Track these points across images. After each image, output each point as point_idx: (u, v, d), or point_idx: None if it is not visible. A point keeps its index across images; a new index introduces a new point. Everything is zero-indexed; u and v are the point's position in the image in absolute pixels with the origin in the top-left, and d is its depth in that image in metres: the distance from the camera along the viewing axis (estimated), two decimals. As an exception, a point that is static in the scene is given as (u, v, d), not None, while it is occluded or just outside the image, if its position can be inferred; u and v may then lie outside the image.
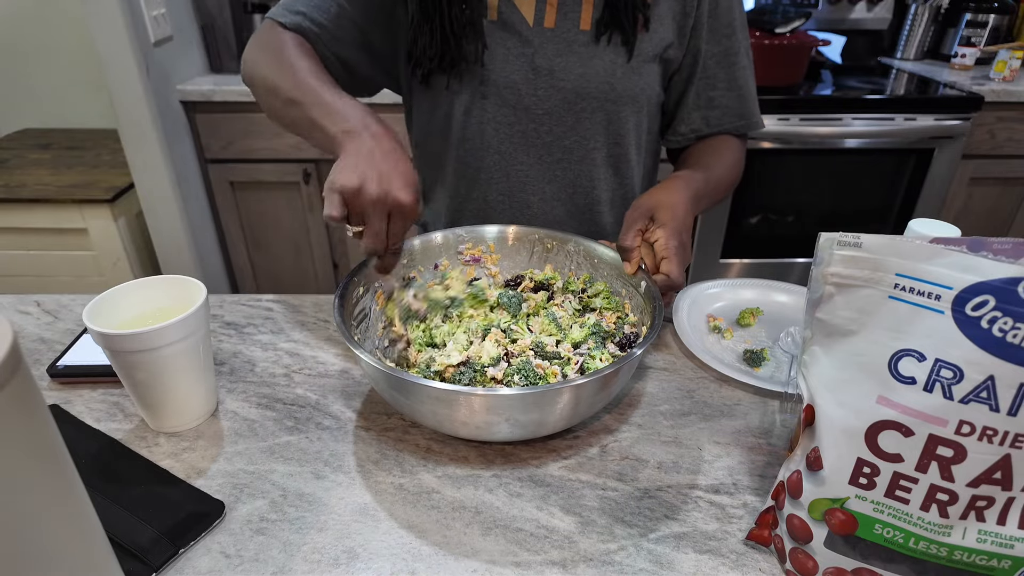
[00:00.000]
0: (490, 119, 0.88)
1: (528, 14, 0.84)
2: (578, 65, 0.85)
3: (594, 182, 0.93)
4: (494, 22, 0.84)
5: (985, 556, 0.44)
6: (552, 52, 0.84)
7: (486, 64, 0.85)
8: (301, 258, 2.11)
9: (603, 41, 0.84)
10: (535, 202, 0.93)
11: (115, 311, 0.65)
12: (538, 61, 0.85)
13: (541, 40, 0.84)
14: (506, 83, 0.86)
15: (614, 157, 0.92)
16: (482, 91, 0.86)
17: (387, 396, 0.62)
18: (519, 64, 0.85)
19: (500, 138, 0.89)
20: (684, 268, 0.72)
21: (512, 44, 0.84)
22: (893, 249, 0.43)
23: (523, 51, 0.84)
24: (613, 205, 0.97)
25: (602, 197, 0.95)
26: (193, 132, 1.90)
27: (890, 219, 2.07)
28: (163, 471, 0.61)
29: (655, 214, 0.74)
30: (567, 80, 0.85)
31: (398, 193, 0.63)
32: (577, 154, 0.90)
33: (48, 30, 2.17)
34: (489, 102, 0.87)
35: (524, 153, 0.90)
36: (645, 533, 0.56)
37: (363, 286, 0.72)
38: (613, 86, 0.86)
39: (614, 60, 0.85)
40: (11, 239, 1.88)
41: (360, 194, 0.62)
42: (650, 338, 0.62)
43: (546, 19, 0.84)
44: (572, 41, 0.84)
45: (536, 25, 0.84)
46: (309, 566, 0.53)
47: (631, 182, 0.96)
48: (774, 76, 1.92)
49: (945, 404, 0.41)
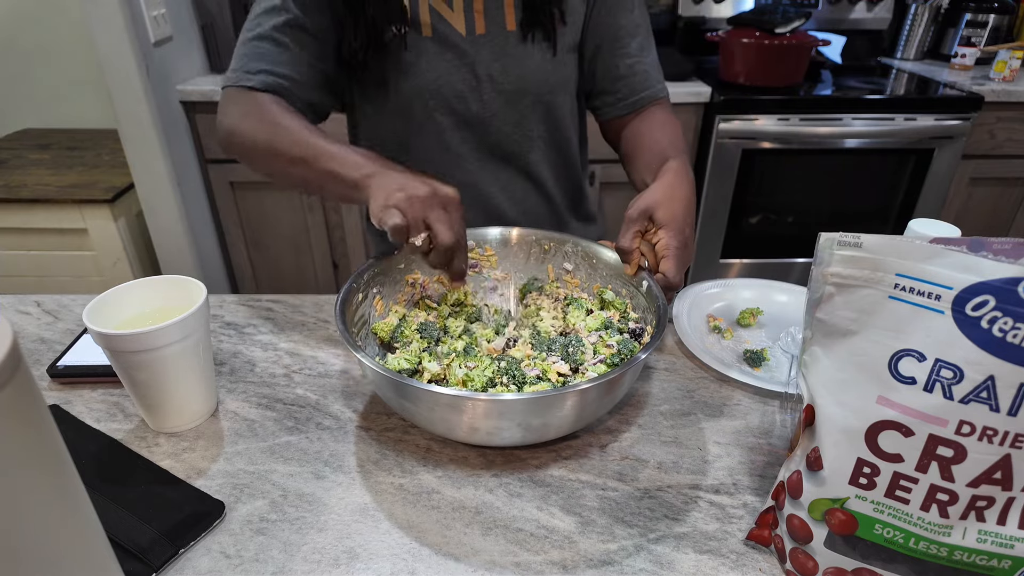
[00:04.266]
0: (444, 129, 0.92)
1: (459, 25, 0.87)
2: (515, 66, 0.90)
3: (541, 166, 0.99)
4: (429, 38, 0.87)
5: (985, 556, 0.44)
6: (489, 58, 0.89)
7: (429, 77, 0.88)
8: (301, 258, 2.11)
9: (529, 39, 0.89)
10: (497, 194, 0.98)
11: (115, 311, 0.65)
12: (479, 69, 0.89)
13: (476, 48, 0.88)
14: (453, 93, 0.89)
15: (554, 140, 0.99)
16: (433, 104, 0.90)
17: (395, 406, 0.62)
18: (462, 75, 0.89)
19: (455, 144, 0.93)
20: (684, 269, 0.72)
21: (451, 56, 0.88)
22: (893, 249, 0.43)
23: (463, 61, 0.88)
24: (558, 179, 1.03)
25: (547, 175, 1.01)
26: (193, 132, 1.90)
27: (890, 219, 2.07)
28: (163, 471, 0.61)
29: (654, 214, 0.74)
30: (506, 82, 0.90)
31: (442, 188, 0.67)
32: (525, 146, 0.96)
33: (48, 30, 2.17)
34: (441, 114, 0.91)
35: (478, 154, 0.95)
36: (645, 533, 0.56)
37: (362, 292, 0.72)
38: (547, 80, 0.92)
39: (543, 56, 0.90)
40: (11, 239, 1.88)
41: (410, 199, 0.65)
42: (656, 340, 0.62)
43: (477, 27, 0.88)
44: (504, 44, 0.89)
45: (469, 34, 0.88)
46: (309, 566, 0.53)
47: (571, 155, 1.03)
48: (774, 76, 1.92)
49: (945, 404, 0.41)
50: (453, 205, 0.68)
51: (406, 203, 0.65)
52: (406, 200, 0.65)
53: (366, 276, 0.73)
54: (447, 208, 0.67)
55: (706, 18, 2.23)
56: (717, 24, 2.22)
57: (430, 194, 0.66)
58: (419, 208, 0.65)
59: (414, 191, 0.66)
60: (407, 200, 0.65)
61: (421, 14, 0.86)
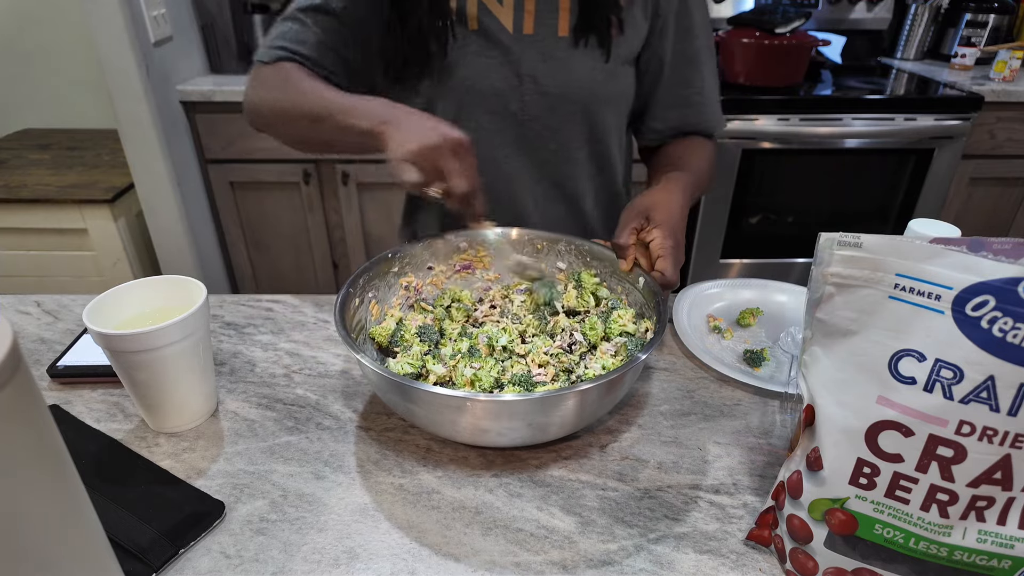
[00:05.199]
0: (479, 127, 0.89)
1: (507, 22, 0.85)
2: (560, 71, 0.87)
3: (578, 181, 0.96)
4: (475, 31, 0.85)
5: (985, 556, 0.44)
6: (534, 58, 0.86)
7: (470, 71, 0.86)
8: (301, 258, 2.11)
9: (581, 45, 0.86)
10: (529, 203, 0.95)
11: (115, 311, 0.65)
12: (522, 69, 0.86)
13: (522, 47, 0.86)
14: (492, 91, 0.87)
15: (596, 155, 0.95)
16: (468, 100, 0.87)
17: (400, 409, 0.62)
18: (503, 72, 0.86)
19: (490, 145, 0.90)
20: (679, 267, 0.72)
21: (495, 53, 0.86)
22: (893, 249, 0.43)
23: (506, 59, 0.86)
24: (598, 201, 0.99)
25: (587, 194, 0.97)
26: (193, 132, 1.90)
27: (890, 219, 2.07)
28: (163, 471, 0.61)
29: (650, 214, 0.75)
30: (550, 86, 0.87)
31: (452, 133, 0.67)
32: (562, 155, 0.93)
33: (48, 30, 2.17)
34: (476, 110, 0.88)
35: (513, 158, 0.92)
36: (645, 533, 0.56)
37: (359, 297, 0.72)
38: (593, 90, 0.88)
39: (593, 65, 0.87)
40: (11, 239, 1.88)
41: (423, 150, 0.65)
42: (656, 340, 0.62)
43: (525, 26, 0.85)
44: (552, 47, 0.86)
45: (516, 32, 0.85)
46: (309, 566, 0.53)
47: (613, 177, 0.99)
48: (774, 76, 1.92)
49: (945, 404, 0.41)
50: (464, 150, 0.67)
51: (419, 156, 0.65)
52: (418, 153, 0.65)
53: (361, 281, 0.73)
54: (458, 155, 0.67)
55: (706, 18, 2.23)
56: (717, 24, 2.21)
57: (440, 143, 0.66)
58: (431, 160, 0.66)
59: (426, 141, 0.66)
60: (419, 153, 0.65)
61: (468, 6, 0.84)
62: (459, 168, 0.67)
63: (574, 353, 0.70)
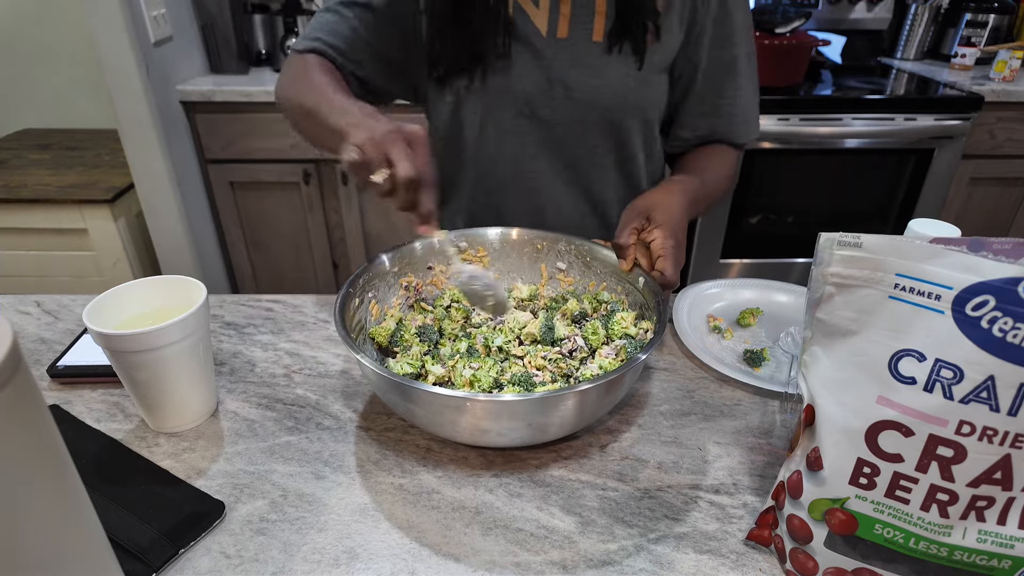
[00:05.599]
0: (506, 129, 0.89)
1: (542, 25, 0.84)
2: (592, 77, 0.85)
3: (604, 186, 0.94)
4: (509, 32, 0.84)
5: (985, 556, 0.44)
6: (566, 63, 0.84)
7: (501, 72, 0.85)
8: (301, 258, 2.11)
9: (615, 51, 0.84)
10: (550, 208, 0.94)
11: (115, 311, 0.65)
12: (553, 73, 0.85)
13: (555, 51, 0.84)
14: (521, 94, 0.86)
15: (623, 162, 0.93)
16: (497, 102, 0.87)
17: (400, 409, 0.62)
18: (534, 76, 0.85)
19: (515, 147, 0.90)
20: (679, 268, 0.72)
21: (527, 55, 0.84)
22: (893, 249, 0.43)
23: (538, 63, 0.84)
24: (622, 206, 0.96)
25: (612, 200, 0.96)
26: (193, 132, 1.90)
27: (890, 219, 2.07)
28: (163, 471, 0.61)
29: (651, 214, 0.75)
30: (581, 92, 0.85)
31: (407, 125, 0.65)
32: (588, 161, 0.91)
33: (48, 30, 2.17)
34: (504, 113, 0.87)
35: (538, 161, 0.91)
36: (645, 533, 0.56)
37: (358, 297, 0.72)
38: (625, 97, 0.86)
39: (626, 72, 0.85)
40: (11, 239, 1.88)
41: (371, 137, 0.63)
42: (656, 340, 0.62)
43: (559, 29, 0.84)
44: (585, 52, 0.84)
45: (550, 36, 0.84)
46: (309, 566, 0.53)
47: (639, 183, 0.97)
48: (774, 76, 1.92)
49: (945, 404, 0.41)
50: (417, 140, 0.64)
51: (366, 141, 0.62)
52: (367, 138, 0.63)
53: (360, 281, 0.73)
54: (410, 143, 0.64)
55: (706, 18, 2.23)
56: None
57: (392, 130, 0.63)
58: (379, 144, 0.62)
59: (376, 128, 0.63)
60: (368, 138, 0.63)
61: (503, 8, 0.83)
62: (407, 153, 0.63)
63: (574, 359, 0.70)
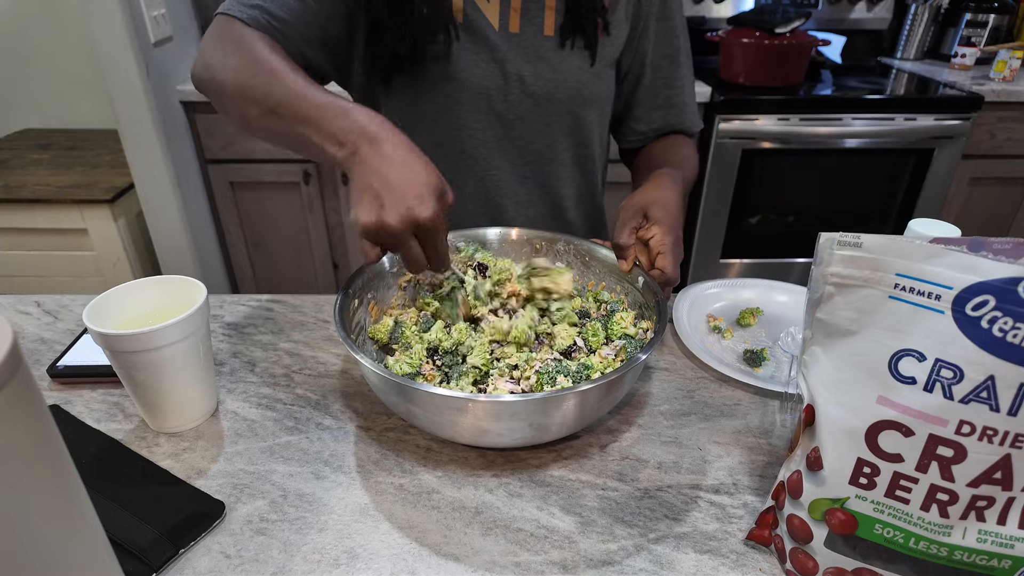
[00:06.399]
0: (463, 124, 0.88)
1: (493, 18, 0.84)
2: (547, 71, 0.86)
3: (561, 181, 0.95)
4: (460, 25, 0.83)
5: (985, 556, 0.44)
6: (521, 58, 0.85)
7: (455, 67, 0.83)
8: (301, 258, 2.11)
9: (567, 46, 0.86)
10: (509, 205, 0.95)
11: (115, 311, 0.65)
12: (508, 67, 0.85)
13: (509, 46, 0.85)
14: (478, 88, 0.85)
15: (580, 157, 0.95)
16: (455, 96, 0.86)
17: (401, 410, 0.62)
18: (489, 69, 0.85)
19: (474, 143, 0.89)
20: (679, 264, 0.72)
21: (480, 49, 0.84)
22: (893, 249, 0.43)
23: (492, 56, 0.85)
24: (580, 202, 0.99)
25: (569, 195, 0.97)
26: (193, 132, 1.90)
27: (890, 219, 2.07)
28: (163, 471, 0.61)
29: (648, 211, 0.75)
30: (537, 86, 0.86)
31: (417, 210, 0.59)
32: (547, 156, 0.92)
33: (48, 30, 2.17)
34: (461, 108, 0.87)
35: (497, 157, 0.91)
36: (645, 533, 0.56)
37: (357, 298, 0.72)
38: (580, 91, 0.88)
39: (580, 65, 0.87)
40: (11, 239, 1.88)
41: (381, 231, 0.60)
42: (656, 340, 0.62)
43: (511, 24, 0.84)
44: (538, 47, 0.85)
45: (502, 30, 0.84)
46: (309, 566, 0.53)
47: (594, 179, 0.99)
48: (774, 76, 1.92)
49: (945, 404, 0.41)
50: (427, 231, 0.61)
51: (375, 236, 0.60)
52: (375, 233, 0.60)
53: (360, 281, 0.73)
54: (422, 237, 0.61)
55: (706, 18, 2.23)
56: (717, 24, 2.22)
57: (400, 224, 0.59)
58: (390, 243, 0.61)
59: (386, 220, 0.59)
60: (376, 233, 0.60)
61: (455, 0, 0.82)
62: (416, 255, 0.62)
63: (573, 360, 0.70)
